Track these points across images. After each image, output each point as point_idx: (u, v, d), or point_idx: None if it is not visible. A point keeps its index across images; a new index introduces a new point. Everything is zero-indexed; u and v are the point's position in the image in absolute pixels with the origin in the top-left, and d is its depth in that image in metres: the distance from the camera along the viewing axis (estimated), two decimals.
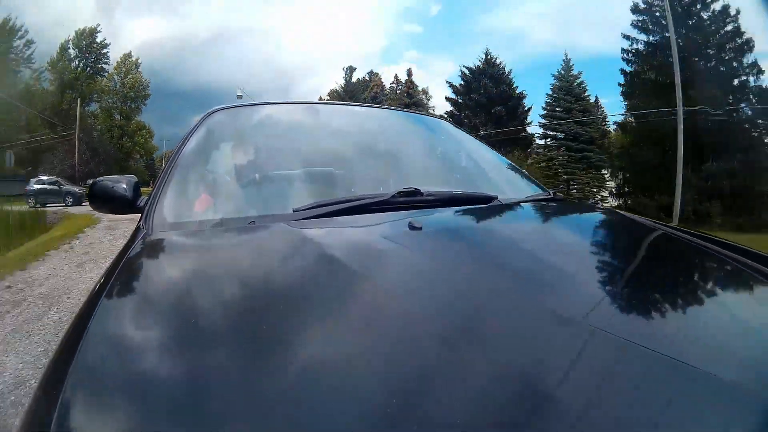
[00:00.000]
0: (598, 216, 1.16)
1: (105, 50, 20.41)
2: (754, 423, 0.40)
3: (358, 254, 0.73)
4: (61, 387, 0.42)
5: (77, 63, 19.94)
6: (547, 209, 1.17)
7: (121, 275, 0.68)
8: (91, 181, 1.13)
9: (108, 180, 1.08)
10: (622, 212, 1.20)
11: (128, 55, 22.02)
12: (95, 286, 0.69)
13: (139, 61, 22.56)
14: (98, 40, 20.40)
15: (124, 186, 1.06)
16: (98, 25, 21.30)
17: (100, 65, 20.78)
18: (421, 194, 0.96)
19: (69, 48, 19.53)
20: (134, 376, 0.44)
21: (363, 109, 1.82)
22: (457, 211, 0.99)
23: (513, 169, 1.50)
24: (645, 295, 0.66)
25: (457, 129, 1.69)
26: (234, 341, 0.49)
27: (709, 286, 0.77)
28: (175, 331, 0.52)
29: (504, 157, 1.58)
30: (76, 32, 19.71)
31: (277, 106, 1.54)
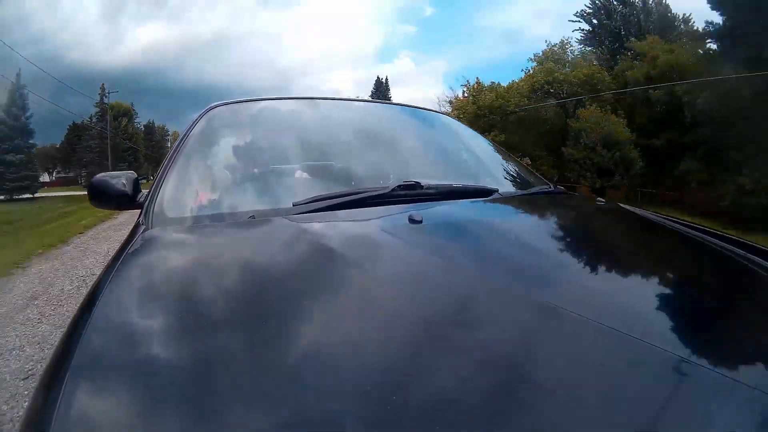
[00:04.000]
0: (599, 209, 1.15)
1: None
2: (754, 419, 0.40)
3: (358, 248, 0.72)
4: (62, 381, 0.42)
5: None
6: (547, 202, 1.16)
7: (121, 271, 0.68)
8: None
9: (107, 176, 1.07)
10: (623, 205, 1.20)
11: (176, 132, 41.19)
12: (95, 282, 0.68)
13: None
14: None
15: (124, 182, 1.04)
16: (167, 125, 39.60)
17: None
18: (422, 187, 0.95)
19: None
20: (135, 371, 0.44)
21: (362, 103, 1.81)
22: (457, 205, 0.98)
23: (513, 162, 1.48)
24: (644, 288, 0.65)
25: (457, 122, 1.67)
26: (233, 335, 0.49)
27: (710, 279, 0.76)
28: (175, 325, 0.52)
29: (505, 150, 1.58)
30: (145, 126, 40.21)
31: (276, 101, 1.54)
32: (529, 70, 20.84)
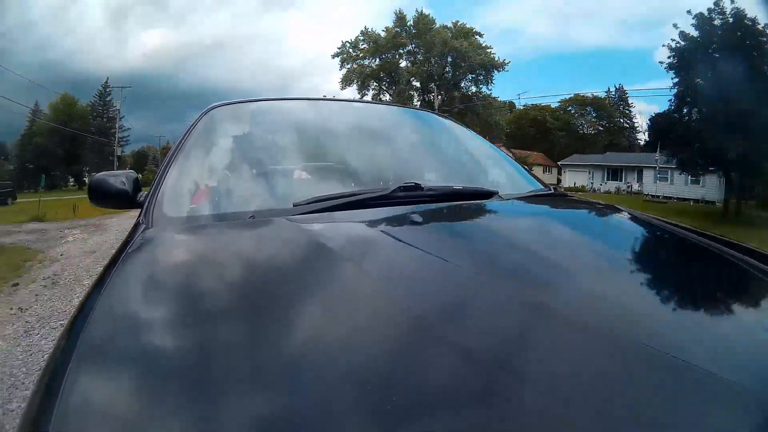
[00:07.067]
0: (598, 212, 1.16)
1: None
2: (755, 423, 0.40)
3: (359, 249, 0.73)
4: (64, 376, 0.42)
5: None
6: (547, 205, 1.16)
7: (121, 271, 0.68)
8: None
9: (107, 175, 1.07)
10: (623, 208, 1.20)
11: None
12: (95, 281, 0.68)
13: None
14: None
15: (123, 181, 1.04)
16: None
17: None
18: (422, 189, 0.96)
19: None
20: (134, 368, 0.45)
21: (362, 104, 1.84)
22: (457, 206, 0.98)
23: (514, 164, 1.49)
24: (643, 291, 0.65)
25: (457, 124, 1.68)
26: (233, 333, 0.49)
27: (709, 283, 0.76)
28: (174, 324, 0.53)
29: (504, 153, 1.58)
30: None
31: (276, 101, 1.54)
32: None
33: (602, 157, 28.59)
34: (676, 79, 16.13)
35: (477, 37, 28.00)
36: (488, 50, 27.94)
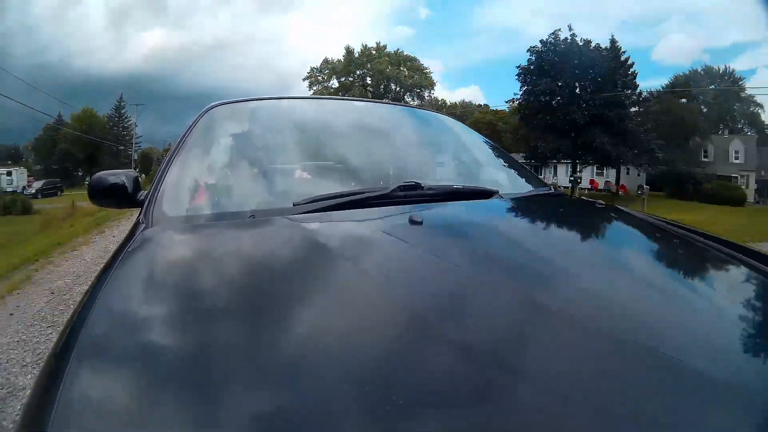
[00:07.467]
0: (597, 211, 1.18)
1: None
2: (755, 423, 0.40)
3: (358, 249, 0.73)
4: (63, 375, 0.43)
5: None
6: (546, 204, 1.18)
7: (121, 269, 0.68)
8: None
9: (108, 174, 1.07)
10: (621, 208, 1.22)
11: None
12: (94, 280, 0.69)
13: None
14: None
15: (124, 179, 1.05)
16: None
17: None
18: (422, 188, 0.96)
19: None
20: (133, 368, 0.45)
21: (363, 103, 1.91)
22: (457, 206, 0.99)
23: (514, 163, 1.50)
24: (642, 291, 0.65)
25: (458, 123, 1.71)
26: (232, 333, 0.50)
27: (709, 283, 0.77)
28: (174, 323, 0.53)
29: (505, 152, 1.59)
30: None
31: (276, 100, 1.56)
32: None
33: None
34: (519, 94, 22.97)
35: (418, 61, 34.30)
36: (426, 72, 34.37)
